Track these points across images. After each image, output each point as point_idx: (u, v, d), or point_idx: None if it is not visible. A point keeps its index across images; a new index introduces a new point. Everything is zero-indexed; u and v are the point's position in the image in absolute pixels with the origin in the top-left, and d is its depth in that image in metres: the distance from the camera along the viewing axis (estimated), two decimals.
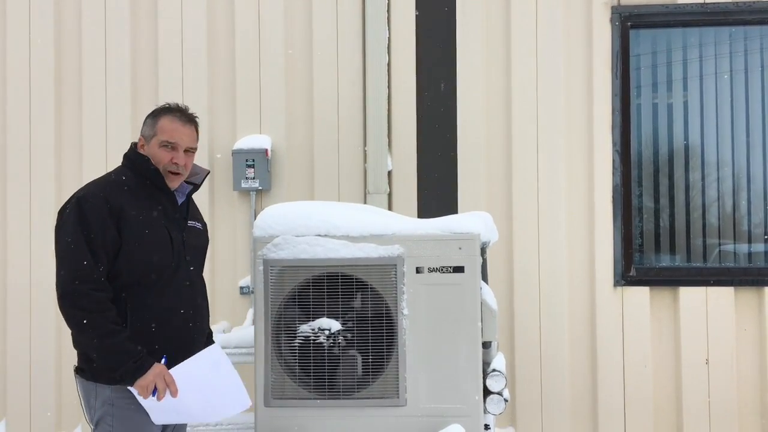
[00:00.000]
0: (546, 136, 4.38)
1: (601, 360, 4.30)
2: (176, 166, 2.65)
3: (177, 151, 2.65)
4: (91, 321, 2.43)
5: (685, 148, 4.50)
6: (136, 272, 2.53)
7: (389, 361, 2.94)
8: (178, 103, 2.75)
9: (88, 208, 2.49)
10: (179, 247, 2.64)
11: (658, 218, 4.49)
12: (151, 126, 2.67)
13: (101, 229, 2.48)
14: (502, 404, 3.04)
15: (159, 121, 2.66)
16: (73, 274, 2.44)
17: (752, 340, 4.26)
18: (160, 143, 2.64)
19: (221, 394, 2.60)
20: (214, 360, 2.61)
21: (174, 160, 2.65)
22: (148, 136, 2.67)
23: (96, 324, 2.43)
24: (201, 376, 2.54)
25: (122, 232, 2.51)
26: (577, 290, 4.33)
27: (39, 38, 4.60)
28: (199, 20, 4.54)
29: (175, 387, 2.47)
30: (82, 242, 2.45)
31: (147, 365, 2.45)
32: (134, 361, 2.43)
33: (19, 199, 4.58)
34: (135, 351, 2.44)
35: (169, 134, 2.65)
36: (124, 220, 2.52)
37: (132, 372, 2.43)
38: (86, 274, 2.44)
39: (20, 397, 4.53)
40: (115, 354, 2.43)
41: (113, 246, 2.50)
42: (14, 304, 4.56)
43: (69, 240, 2.47)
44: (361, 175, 4.44)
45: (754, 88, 4.46)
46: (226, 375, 2.62)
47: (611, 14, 4.37)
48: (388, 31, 4.44)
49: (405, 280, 2.94)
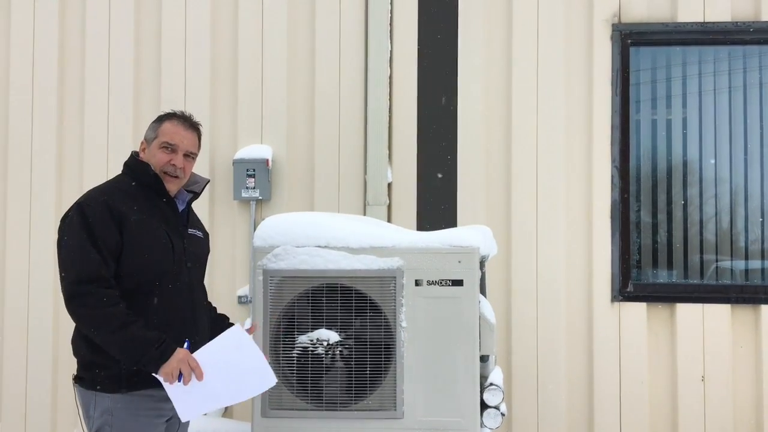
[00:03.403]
0: (545, 151, 4.40)
1: (597, 375, 4.30)
2: (174, 168, 2.64)
3: (176, 154, 2.65)
4: (103, 316, 2.39)
5: (684, 165, 4.53)
6: (136, 278, 2.51)
7: (387, 374, 2.95)
8: (183, 111, 2.77)
9: (90, 212, 2.48)
10: (180, 254, 2.63)
11: (656, 234, 4.51)
12: (154, 129, 2.69)
13: (104, 232, 2.46)
14: (499, 418, 3.04)
15: (162, 125, 2.68)
16: (77, 275, 2.42)
17: (748, 358, 4.27)
18: (160, 144, 2.64)
19: (247, 374, 2.54)
20: (237, 340, 2.56)
21: (172, 162, 2.64)
22: (149, 139, 2.68)
23: (108, 318, 2.39)
24: (225, 357, 2.49)
25: (123, 237, 2.50)
26: (575, 305, 4.34)
27: (42, 45, 4.62)
28: (201, 31, 4.56)
29: (200, 371, 2.42)
30: (86, 243, 2.43)
31: (170, 351, 2.40)
32: (156, 348, 2.39)
33: (20, 203, 4.58)
34: (156, 337, 2.40)
35: (170, 136, 2.65)
36: (126, 225, 2.51)
37: (156, 359, 2.38)
38: (91, 273, 2.41)
39: (16, 401, 4.52)
40: (135, 344, 2.38)
41: (116, 249, 2.48)
42: (11, 306, 4.55)
43: (72, 243, 2.46)
44: (361, 187, 4.46)
45: (753, 106, 4.49)
46: (250, 354, 2.56)
47: (611, 31, 4.41)
48: (391, 44, 4.47)
49: (404, 293, 2.95)
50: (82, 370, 2.55)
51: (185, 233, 2.71)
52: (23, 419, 4.52)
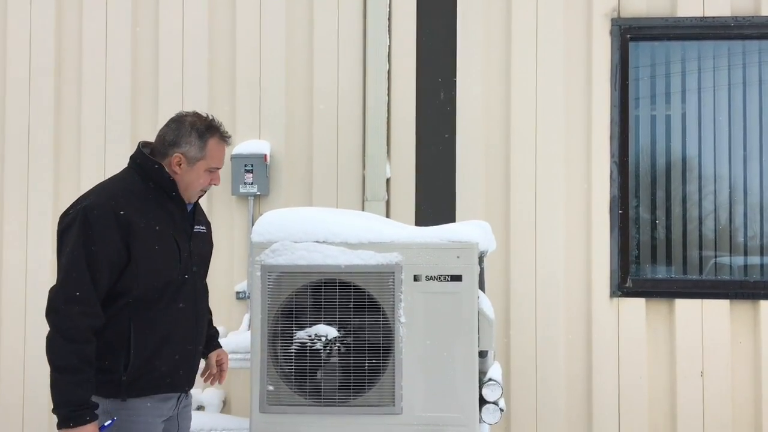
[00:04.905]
0: (545, 146, 4.39)
1: (596, 370, 4.30)
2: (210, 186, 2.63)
3: (216, 173, 2.63)
4: (63, 349, 2.29)
5: (683, 160, 4.52)
6: (143, 288, 2.42)
7: (385, 369, 2.94)
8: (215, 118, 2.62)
9: (94, 219, 2.36)
10: (186, 260, 2.56)
11: (655, 230, 4.51)
12: (200, 148, 2.53)
13: (106, 244, 2.35)
14: (498, 414, 3.03)
15: (207, 144, 2.54)
16: (64, 291, 2.32)
17: (747, 353, 4.27)
18: (208, 168, 2.56)
19: None
20: None
21: (213, 182, 2.61)
22: (193, 158, 2.53)
23: (66, 354, 2.28)
24: None
25: (131, 247, 2.39)
26: (574, 301, 4.34)
27: (39, 45, 4.60)
28: (199, 27, 4.54)
29: None
30: (81, 259, 2.32)
31: (81, 420, 2.28)
32: (72, 410, 2.28)
33: (17, 202, 4.57)
34: (80, 401, 2.29)
35: (218, 161, 2.57)
36: (133, 234, 2.39)
37: (63, 418, 2.28)
38: (78, 295, 2.31)
39: (13, 400, 4.52)
40: (63, 392, 2.29)
41: (119, 263, 2.38)
42: (8, 306, 4.54)
43: (70, 253, 2.34)
44: (360, 182, 4.44)
45: (752, 102, 4.48)
46: None
47: (611, 26, 4.39)
48: (389, 40, 4.46)
49: (402, 288, 2.94)
50: None
51: (191, 232, 2.63)
52: (21, 418, 4.51)
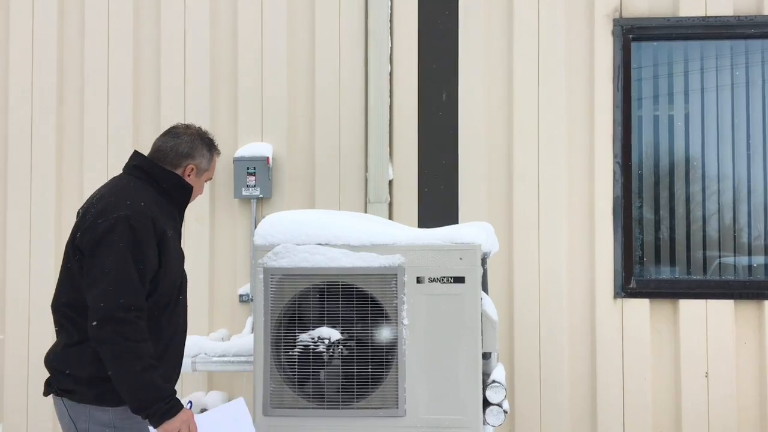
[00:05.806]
0: (547, 147, 4.38)
1: (600, 372, 4.29)
2: None
3: None
4: (133, 352, 2.31)
5: (686, 160, 4.51)
6: (159, 294, 2.47)
7: (389, 371, 2.93)
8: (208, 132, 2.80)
9: (139, 225, 2.40)
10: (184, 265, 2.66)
11: (659, 230, 4.50)
12: (209, 161, 2.69)
13: (149, 253, 2.41)
14: (502, 416, 3.03)
15: (213, 160, 2.72)
16: (118, 298, 2.33)
17: (752, 354, 4.25)
18: (208, 179, 2.74)
19: None
20: (238, 414, 2.67)
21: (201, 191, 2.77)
22: (202, 170, 2.68)
23: (137, 356, 2.31)
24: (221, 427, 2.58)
25: (161, 254, 2.46)
26: (577, 302, 4.33)
27: (41, 46, 4.60)
28: (201, 29, 4.54)
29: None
30: (131, 266, 2.36)
31: (177, 409, 2.36)
32: (166, 402, 2.34)
33: (19, 203, 4.57)
34: (169, 391, 2.37)
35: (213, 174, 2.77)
36: (164, 242, 2.46)
37: (162, 413, 2.33)
38: (133, 300, 2.34)
39: (17, 402, 4.52)
40: (149, 392, 2.32)
41: (152, 270, 2.43)
42: (12, 307, 4.54)
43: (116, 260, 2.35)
44: (362, 184, 4.44)
45: (755, 101, 4.47)
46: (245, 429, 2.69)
47: (613, 26, 4.38)
48: (391, 41, 4.45)
49: (405, 290, 2.94)
50: (74, 383, 2.41)
51: None
52: (25, 420, 4.51)
